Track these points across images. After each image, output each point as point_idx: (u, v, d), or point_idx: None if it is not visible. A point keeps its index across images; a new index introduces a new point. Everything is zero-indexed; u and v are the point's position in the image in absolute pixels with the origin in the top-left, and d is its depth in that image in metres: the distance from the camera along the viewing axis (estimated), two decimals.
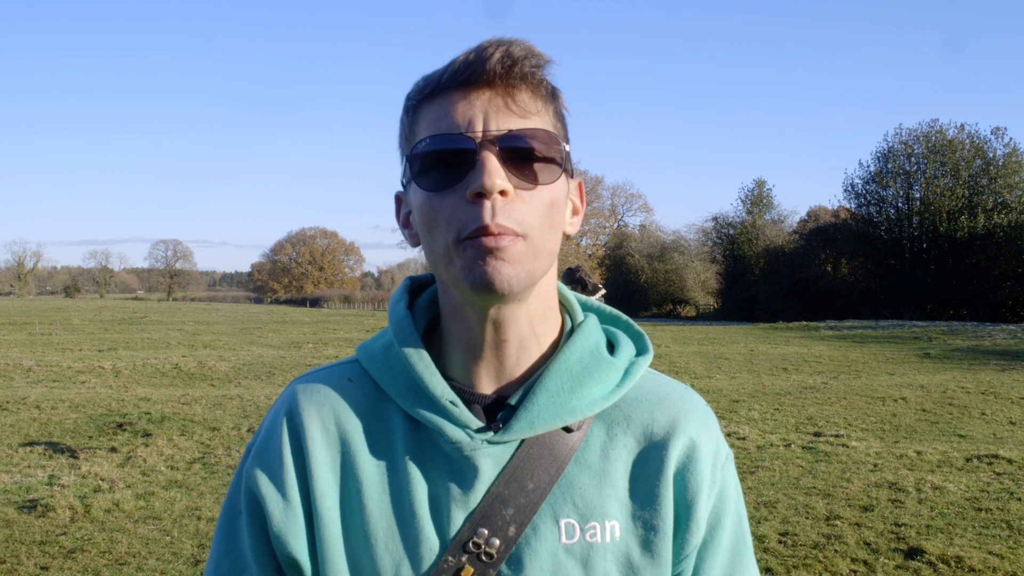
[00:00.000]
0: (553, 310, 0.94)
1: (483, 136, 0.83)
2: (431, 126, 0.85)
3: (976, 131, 45.40)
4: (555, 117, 0.88)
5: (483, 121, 0.83)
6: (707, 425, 0.95)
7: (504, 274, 0.82)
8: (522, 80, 0.85)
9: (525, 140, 0.84)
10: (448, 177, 0.84)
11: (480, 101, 0.84)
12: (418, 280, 1.01)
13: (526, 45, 0.85)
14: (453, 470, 0.88)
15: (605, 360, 0.93)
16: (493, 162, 0.81)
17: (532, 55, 0.85)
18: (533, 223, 0.84)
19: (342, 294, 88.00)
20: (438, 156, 0.84)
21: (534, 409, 0.88)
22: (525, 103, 0.85)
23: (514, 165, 0.83)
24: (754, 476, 6.84)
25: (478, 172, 0.81)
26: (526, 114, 0.85)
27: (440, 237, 0.85)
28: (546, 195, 0.85)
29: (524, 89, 0.85)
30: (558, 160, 0.86)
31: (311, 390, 0.93)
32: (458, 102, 0.84)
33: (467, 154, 0.83)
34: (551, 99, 0.88)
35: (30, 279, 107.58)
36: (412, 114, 0.88)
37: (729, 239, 54.76)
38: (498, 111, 0.84)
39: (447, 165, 0.84)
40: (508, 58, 0.83)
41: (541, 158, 0.84)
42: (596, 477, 0.90)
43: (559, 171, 0.86)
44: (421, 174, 0.85)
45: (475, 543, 0.85)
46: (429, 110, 0.86)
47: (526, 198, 0.84)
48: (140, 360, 16.62)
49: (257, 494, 0.89)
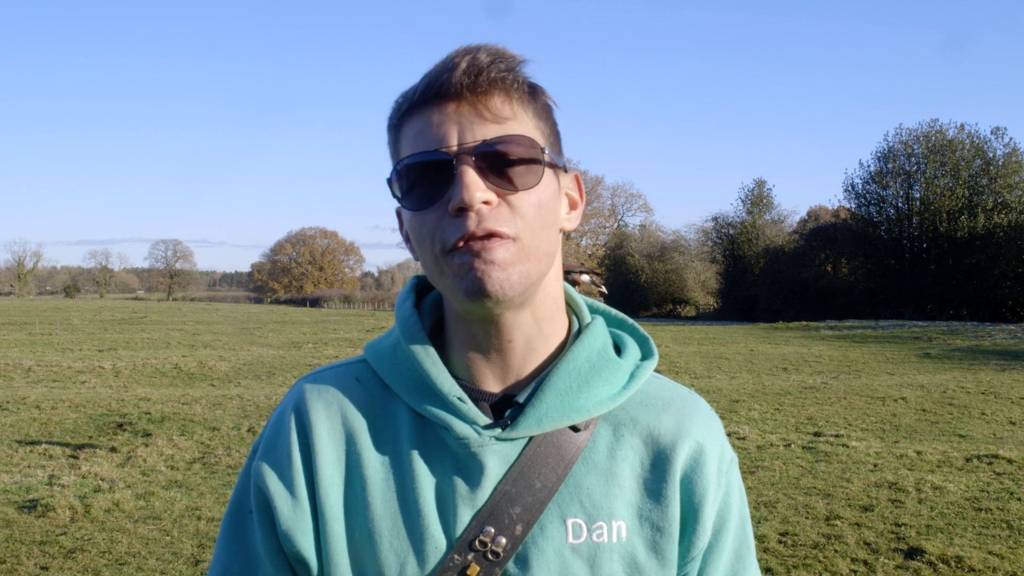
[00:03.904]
0: (561, 310, 0.95)
1: (459, 148, 0.82)
2: (410, 144, 0.86)
3: (976, 131, 45.44)
4: (536, 115, 0.88)
5: (458, 133, 0.83)
6: (712, 429, 0.95)
7: (495, 278, 0.82)
8: (492, 86, 0.84)
9: (501, 147, 0.83)
10: (430, 194, 0.84)
11: (452, 113, 0.84)
12: (425, 279, 1.01)
13: (494, 49, 0.85)
14: (460, 467, 0.87)
15: (612, 361, 0.93)
16: (471, 175, 0.81)
17: (500, 59, 0.84)
18: (523, 225, 0.84)
19: (342, 294, 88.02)
20: (418, 174, 0.84)
21: (542, 406, 0.88)
22: (498, 109, 0.84)
23: (494, 173, 0.83)
24: (754, 476, 6.84)
25: (457, 187, 0.81)
26: (501, 120, 0.84)
27: (428, 251, 0.85)
28: (532, 197, 0.85)
29: (495, 95, 0.84)
30: (539, 160, 0.85)
31: (319, 389, 0.93)
32: (432, 117, 0.84)
33: (445, 169, 0.83)
34: (529, 98, 0.87)
35: (30, 279, 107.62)
36: (395, 133, 0.89)
37: (729, 239, 54.74)
38: (472, 121, 0.83)
39: (428, 182, 0.84)
40: (474, 67, 0.83)
41: (520, 161, 0.84)
42: (603, 477, 0.89)
43: (541, 171, 0.86)
44: (406, 194, 0.86)
45: (481, 541, 0.85)
46: (408, 127, 0.86)
47: (512, 203, 0.84)
48: (140, 360, 16.62)
49: (266, 491, 0.89)
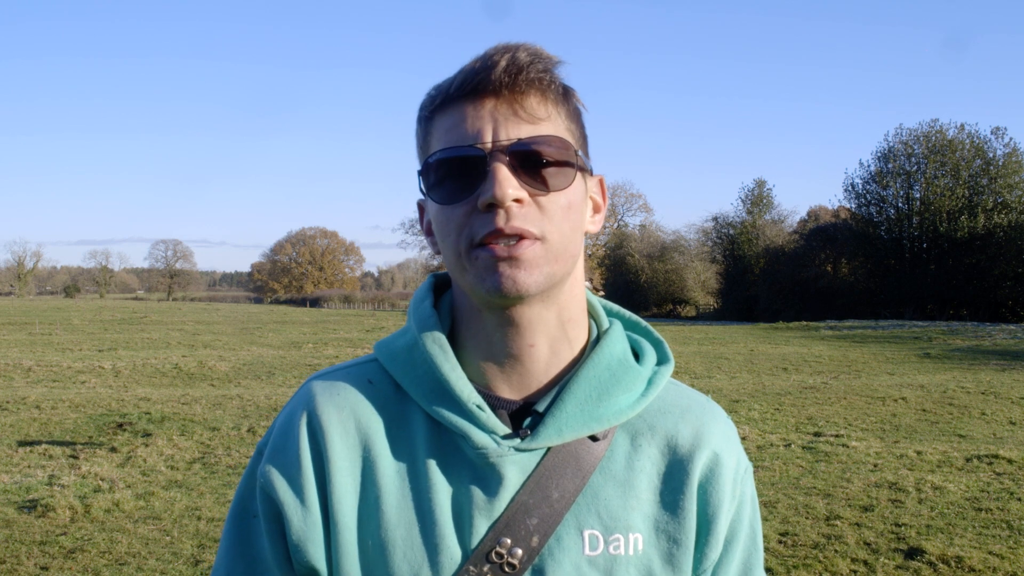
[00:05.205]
0: (584, 313, 0.93)
1: (493, 146, 0.82)
2: (442, 138, 0.85)
3: (976, 131, 45.42)
4: (568, 118, 0.87)
5: (492, 131, 0.83)
6: (729, 438, 0.94)
7: (519, 278, 0.82)
8: (529, 86, 0.84)
9: (536, 147, 0.83)
10: (460, 188, 0.83)
11: (488, 110, 0.83)
12: (441, 277, 0.99)
13: (533, 49, 0.84)
14: (477, 477, 0.86)
15: (632, 368, 0.92)
16: (504, 172, 0.81)
17: (539, 59, 0.84)
18: (551, 226, 0.83)
19: (342, 294, 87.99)
20: (449, 168, 0.84)
21: (563, 416, 0.86)
22: (534, 109, 0.84)
23: (526, 173, 0.83)
24: (754, 476, 6.83)
25: (489, 183, 0.81)
26: (536, 120, 0.84)
27: (452, 246, 0.84)
28: (563, 199, 0.84)
29: (532, 95, 0.84)
30: (572, 163, 0.85)
31: (331, 389, 0.90)
32: (467, 112, 0.84)
33: (478, 165, 0.82)
34: (563, 100, 0.87)
35: (30, 279, 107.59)
36: (425, 125, 0.88)
37: (729, 239, 54.71)
38: (507, 119, 0.83)
39: (459, 176, 0.83)
40: (514, 65, 0.83)
41: (553, 163, 0.84)
42: (621, 488, 0.88)
43: (573, 174, 0.85)
44: (434, 186, 0.85)
45: (498, 553, 0.83)
46: (440, 121, 0.86)
47: (542, 203, 0.83)
48: (140, 360, 16.61)
49: (275, 498, 0.86)
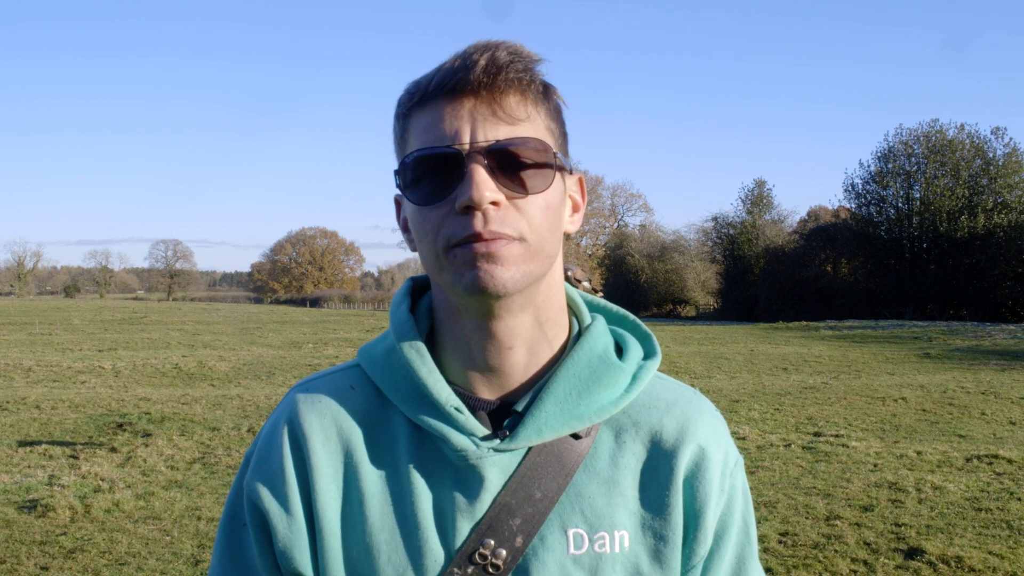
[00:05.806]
0: (563, 312, 0.93)
1: (471, 147, 0.81)
2: (420, 136, 0.84)
3: (976, 131, 45.37)
4: (548, 116, 0.86)
5: (471, 131, 0.81)
6: (717, 431, 0.93)
7: (498, 277, 0.81)
8: (509, 85, 0.82)
9: (514, 148, 0.82)
10: (437, 189, 0.82)
11: (467, 110, 0.82)
12: (420, 280, 0.99)
13: (513, 48, 0.83)
14: (458, 479, 0.86)
15: (614, 365, 0.91)
16: (481, 174, 0.80)
17: (519, 58, 0.83)
18: (529, 228, 0.82)
19: (342, 294, 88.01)
20: (426, 168, 0.83)
21: (542, 416, 0.86)
22: (513, 109, 0.83)
23: (504, 174, 0.81)
24: (754, 476, 6.84)
25: (467, 185, 0.80)
26: (515, 120, 0.82)
27: (430, 246, 0.83)
28: (541, 200, 0.83)
29: (512, 94, 0.83)
30: (550, 164, 0.84)
31: (312, 398, 0.90)
32: (445, 112, 0.82)
33: (455, 166, 0.81)
34: (543, 98, 0.86)
35: (30, 279, 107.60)
36: (403, 121, 0.87)
37: (729, 239, 54.69)
38: (486, 119, 0.81)
39: (436, 177, 0.82)
40: (493, 65, 0.81)
41: (532, 165, 0.82)
42: (605, 485, 0.88)
43: (552, 175, 0.84)
44: (411, 185, 0.84)
45: (481, 554, 0.83)
46: (418, 119, 0.84)
47: (520, 205, 0.82)
48: (140, 360, 16.62)
49: (261, 507, 0.87)
